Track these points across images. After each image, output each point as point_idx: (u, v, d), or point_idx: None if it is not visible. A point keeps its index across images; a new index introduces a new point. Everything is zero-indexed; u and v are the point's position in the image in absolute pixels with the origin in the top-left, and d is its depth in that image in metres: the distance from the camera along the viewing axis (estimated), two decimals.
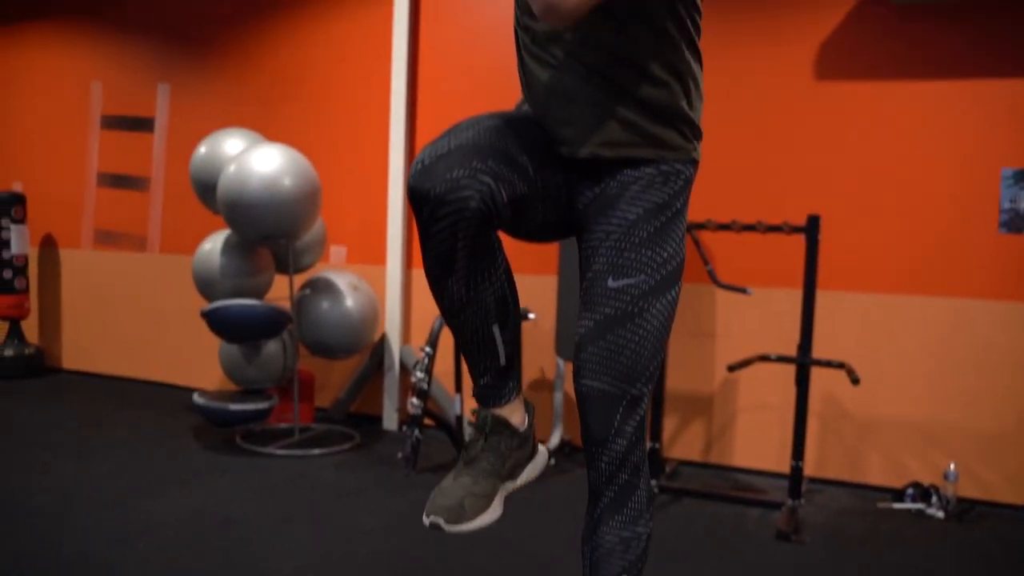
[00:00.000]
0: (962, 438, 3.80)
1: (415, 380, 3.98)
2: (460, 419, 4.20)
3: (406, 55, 4.83)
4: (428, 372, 3.98)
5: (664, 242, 1.49)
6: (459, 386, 4.18)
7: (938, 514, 3.61)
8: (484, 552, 2.99)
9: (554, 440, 4.30)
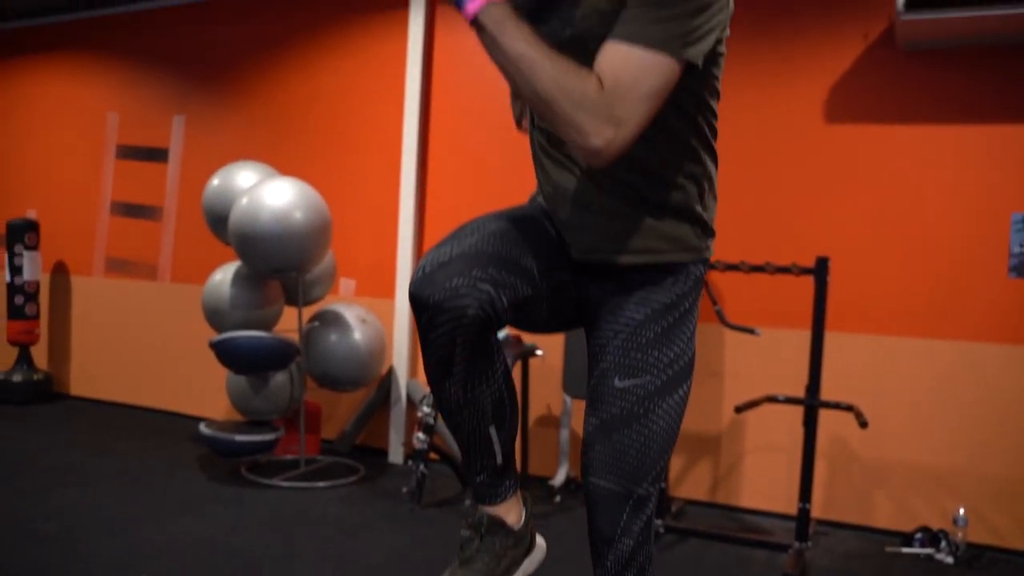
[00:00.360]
0: (972, 482, 3.76)
1: (421, 415, 3.97)
2: None
3: (419, 90, 4.89)
4: (434, 407, 3.98)
5: (671, 342, 1.50)
6: None
7: (947, 560, 3.56)
8: None
9: (559, 477, 4.28)
